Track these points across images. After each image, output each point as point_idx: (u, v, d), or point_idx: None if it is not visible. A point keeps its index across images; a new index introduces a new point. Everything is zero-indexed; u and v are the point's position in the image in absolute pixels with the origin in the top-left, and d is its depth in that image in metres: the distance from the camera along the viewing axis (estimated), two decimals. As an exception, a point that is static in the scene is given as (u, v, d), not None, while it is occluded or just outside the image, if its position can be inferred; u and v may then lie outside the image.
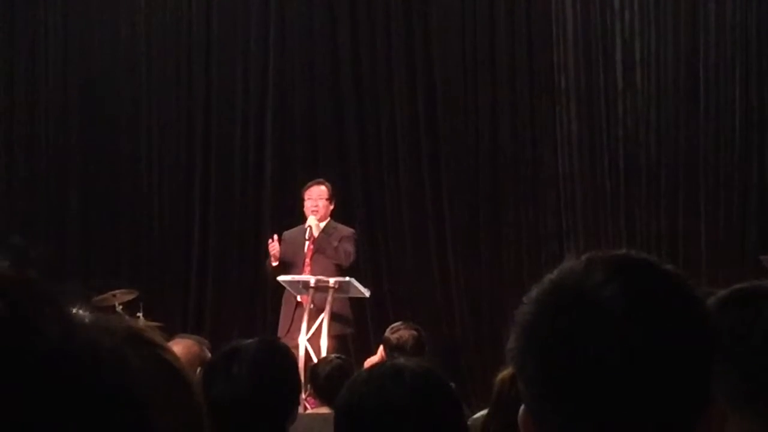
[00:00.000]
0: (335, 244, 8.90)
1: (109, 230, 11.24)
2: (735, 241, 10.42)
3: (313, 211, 8.94)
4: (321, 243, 8.88)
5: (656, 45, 10.69)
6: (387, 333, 7.38)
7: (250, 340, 3.55)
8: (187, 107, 11.37)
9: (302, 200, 9.09)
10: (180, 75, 11.39)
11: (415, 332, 7.28)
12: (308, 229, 8.88)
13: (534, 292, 1.38)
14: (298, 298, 8.84)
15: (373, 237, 10.87)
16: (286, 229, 9.33)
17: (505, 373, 3.12)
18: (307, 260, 8.91)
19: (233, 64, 11.32)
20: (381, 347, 7.51)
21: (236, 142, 11.28)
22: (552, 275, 1.38)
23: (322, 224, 8.96)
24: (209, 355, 5.01)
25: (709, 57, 10.61)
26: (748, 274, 9.75)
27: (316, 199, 8.97)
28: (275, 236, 9.02)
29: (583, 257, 1.38)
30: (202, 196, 11.26)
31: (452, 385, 2.56)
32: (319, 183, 9.12)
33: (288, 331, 8.70)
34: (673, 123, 10.64)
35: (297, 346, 8.11)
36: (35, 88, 11.49)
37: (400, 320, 7.75)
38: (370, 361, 7.31)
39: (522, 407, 1.39)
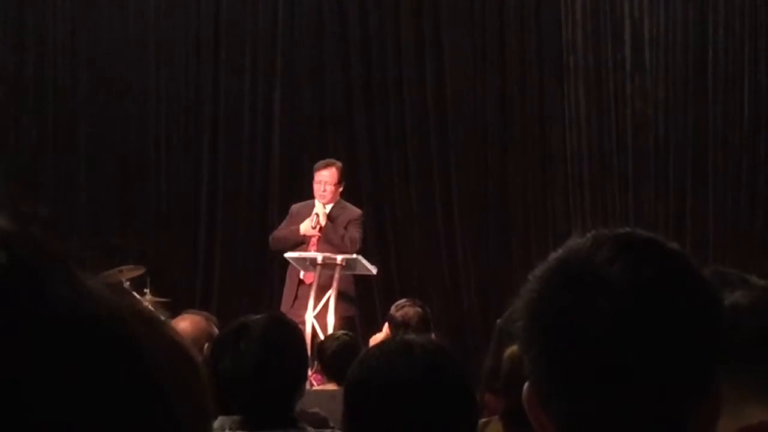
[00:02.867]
0: (341, 232, 8.84)
1: (117, 206, 11.25)
2: (743, 222, 10.43)
3: (320, 196, 8.89)
4: (327, 232, 8.84)
5: (665, 25, 10.67)
6: (392, 310, 7.39)
7: (258, 316, 3.56)
8: (195, 85, 11.36)
9: (312, 177, 9.05)
10: (188, 53, 11.38)
11: (419, 309, 7.28)
12: (315, 217, 8.83)
13: (539, 269, 1.39)
14: (301, 275, 8.83)
15: (381, 215, 10.88)
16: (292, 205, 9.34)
17: (514, 350, 3.13)
18: (314, 239, 8.90)
19: (242, 42, 11.31)
20: (386, 324, 7.53)
21: (245, 118, 11.27)
22: (558, 253, 1.39)
23: (329, 207, 8.90)
24: (217, 331, 5.04)
25: (718, 37, 10.58)
26: (755, 255, 9.78)
27: (324, 183, 8.86)
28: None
29: (589, 235, 1.39)
30: (210, 173, 11.26)
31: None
32: (329, 165, 8.96)
33: (291, 307, 8.69)
34: (682, 103, 10.63)
35: (303, 322, 8.11)
36: (43, 61, 11.47)
37: (407, 298, 7.76)
38: (375, 338, 7.33)
39: (526, 384, 1.40)
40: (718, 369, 1.37)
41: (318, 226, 8.79)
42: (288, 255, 8.79)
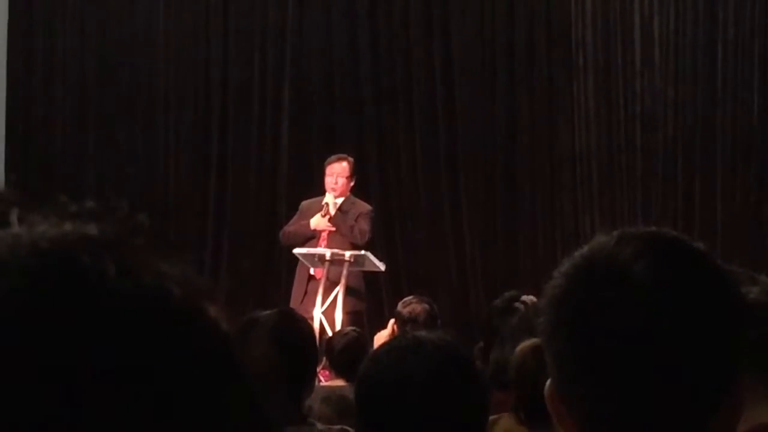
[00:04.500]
0: (351, 223, 8.88)
1: (125, 200, 11.23)
2: (751, 221, 10.41)
3: (332, 189, 8.91)
4: (337, 222, 8.86)
5: (675, 22, 10.66)
6: (399, 307, 7.37)
7: (267, 312, 3.56)
8: (204, 77, 11.36)
9: (323, 172, 9.08)
10: (198, 44, 11.37)
11: (427, 306, 7.27)
12: (325, 206, 8.86)
13: (565, 266, 1.38)
14: (311, 271, 8.85)
15: (389, 211, 10.87)
16: (302, 200, 9.35)
17: (526, 345, 3.14)
18: (324, 234, 8.92)
19: (251, 34, 11.30)
20: (392, 321, 7.52)
21: (254, 112, 11.27)
22: (583, 250, 1.39)
23: (340, 200, 8.93)
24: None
25: (728, 35, 10.57)
26: (764, 254, 9.75)
27: (336, 176, 8.92)
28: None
29: (615, 233, 1.39)
30: (218, 170, 11.26)
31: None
32: (341, 159, 9.02)
33: (301, 303, 8.70)
34: (691, 101, 10.61)
35: (311, 319, 8.12)
36: (53, 55, 11.48)
37: (414, 295, 7.76)
38: (380, 335, 7.33)
39: (548, 381, 1.40)
40: (740, 368, 1.37)
41: (328, 216, 8.82)
42: (296, 251, 8.81)
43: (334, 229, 8.87)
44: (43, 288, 0.63)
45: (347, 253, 8.62)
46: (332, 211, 8.85)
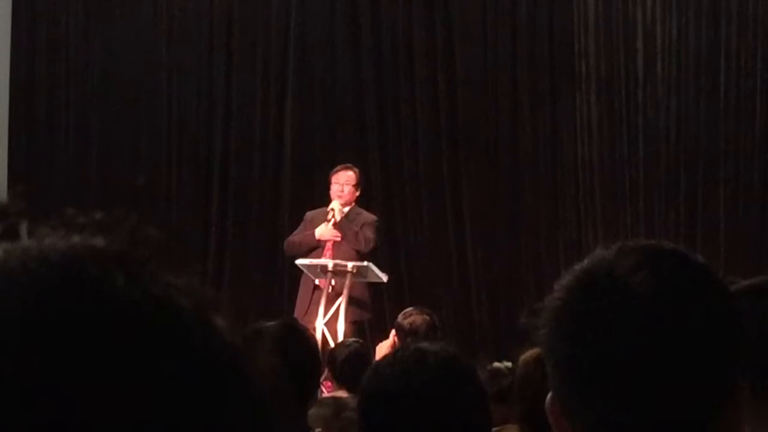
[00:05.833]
0: (356, 230, 8.91)
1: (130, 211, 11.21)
2: (754, 231, 10.41)
3: (338, 196, 8.95)
4: (342, 228, 8.88)
5: (677, 33, 10.66)
6: (399, 318, 7.38)
7: (271, 323, 3.57)
8: (207, 87, 11.36)
9: (326, 184, 9.10)
10: (200, 54, 11.38)
11: (427, 317, 7.27)
12: (330, 212, 8.88)
13: (565, 278, 1.40)
14: (316, 281, 8.86)
15: (391, 222, 10.87)
16: (304, 211, 9.36)
17: (528, 355, 3.15)
18: (329, 244, 8.93)
19: (254, 43, 11.31)
20: (393, 332, 7.52)
21: (256, 123, 11.28)
22: (583, 262, 1.40)
23: (346, 209, 8.96)
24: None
25: (731, 46, 10.57)
26: (766, 265, 9.72)
27: (343, 184, 8.96)
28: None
29: (614, 246, 1.40)
30: (221, 180, 11.26)
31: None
32: (347, 168, 9.09)
33: (305, 313, 8.71)
34: (694, 111, 10.61)
35: (314, 330, 8.12)
36: (55, 62, 11.49)
37: (414, 306, 7.76)
38: (381, 346, 7.33)
39: (549, 393, 1.41)
40: (739, 377, 1.38)
41: (333, 222, 8.84)
42: (299, 261, 8.82)
43: (339, 238, 8.88)
44: (53, 300, 0.64)
45: (350, 264, 8.62)
46: (338, 217, 8.87)
